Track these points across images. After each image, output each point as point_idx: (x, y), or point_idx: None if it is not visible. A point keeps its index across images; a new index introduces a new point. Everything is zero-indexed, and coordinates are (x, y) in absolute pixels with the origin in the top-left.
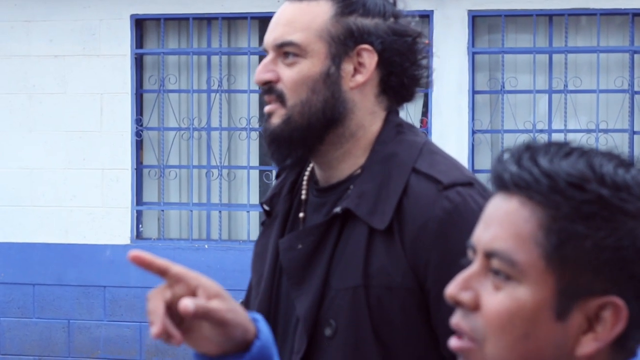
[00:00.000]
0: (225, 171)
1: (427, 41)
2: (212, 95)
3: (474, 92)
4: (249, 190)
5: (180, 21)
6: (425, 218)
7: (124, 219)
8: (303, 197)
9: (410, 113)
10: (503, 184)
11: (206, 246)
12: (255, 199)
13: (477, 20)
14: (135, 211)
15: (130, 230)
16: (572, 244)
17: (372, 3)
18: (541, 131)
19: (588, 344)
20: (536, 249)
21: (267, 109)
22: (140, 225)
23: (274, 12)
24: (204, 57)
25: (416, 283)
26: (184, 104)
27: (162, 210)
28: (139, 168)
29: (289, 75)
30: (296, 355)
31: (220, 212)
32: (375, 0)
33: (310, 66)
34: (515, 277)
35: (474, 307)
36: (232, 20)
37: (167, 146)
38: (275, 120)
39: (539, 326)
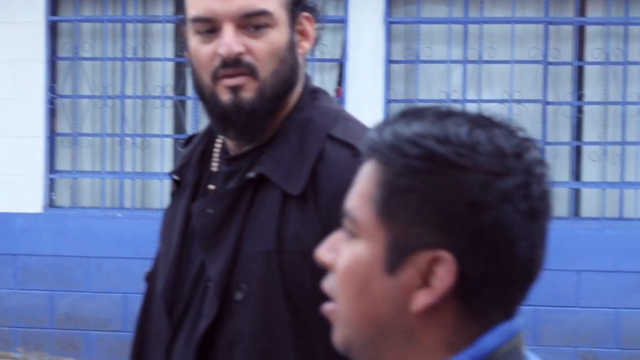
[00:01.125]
0: (139, 140)
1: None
2: (127, 63)
3: (389, 61)
4: (162, 159)
5: None
6: (340, 184)
7: (37, 187)
8: (214, 169)
9: (325, 82)
10: (366, 149)
11: (119, 215)
12: (169, 167)
13: None
14: (48, 179)
15: (42, 199)
16: (397, 198)
17: None
18: (455, 101)
19: (420, 299)
20: (369, 204)
21: (234, 82)
22: (53, 194)
23: None
24: (119, 25)
25: None
26: (98, 72)
27: (75, 179)
28: (52, 136)
29: (260, 46)
30: (206, 319)
31: (133, 180)
32: None
33: (279, 36)
34: (356, 234)
35: (334, 267)
36: None
37: (81, 114)
38: (248, 94)
39: (372, 281)
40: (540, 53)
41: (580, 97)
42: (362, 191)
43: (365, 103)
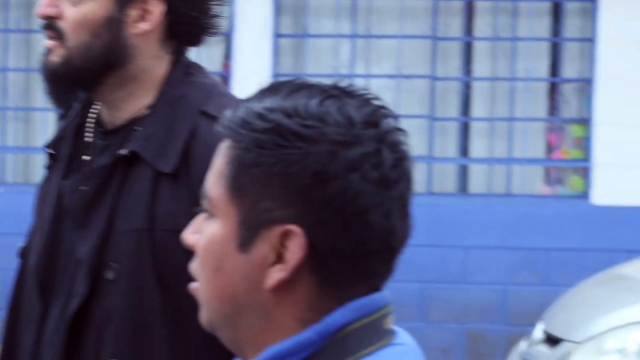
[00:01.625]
0: (21, 113)
1: None
2: (10, 35)
3: (277, 35)
4: (45, 133)
5: None
6: (212, 161)
7: None
8: (88, 139)
9: (212, 56)
10: (221, 129)
11: (1, 190)
12: None
13: None
14: None
15: None
16: (244, 173)
17: None
18: (343, 76)
19: (273, 275)
20: (225, 182)
21: (47, 44)
22: None
23: None
24: None
25: None
26: None
27: None
28: None
29: (71, 14)
30: (77, 298)
31: (15, 154)
32: None
33: (95, 8)
34: (212, 213)
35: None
36: None
37: None
38: (55, 58)
39: (227, 259)
40: (429, 28)
41: (468, 72)
42: (216, 170)
43: (252, 77)
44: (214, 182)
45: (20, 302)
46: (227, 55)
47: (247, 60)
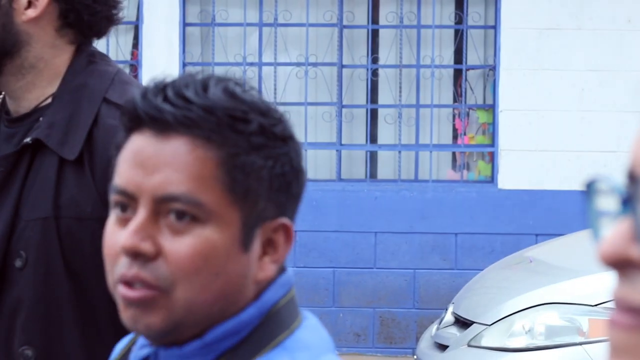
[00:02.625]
0: None
1: None
2: None
3: (184, 24)
4: None
5: None
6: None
7: None
8: None
9: (120, 45)
10: (160, 122)
11: None
12: None
13: None
14: None
15: None
16: (253, 176)
17: None
18: (252, 64)
19: (267, 267)
20: (219, 187)
21: None
22: None
23: None
24: None
25: (106, 213)
26: None
27: None
28: None
29: None
30: None
31: None
32: None
33: None
34: (201, 219)
35: (155, 255)
36: None
37: None
38: None
39: (230, 261)
40: (336, 16)
41: (375, 60)
42: (199, 174)
43: (161, 66)
44: (202, 186)
45: None
46: (136, 45)
47: (156, 49)
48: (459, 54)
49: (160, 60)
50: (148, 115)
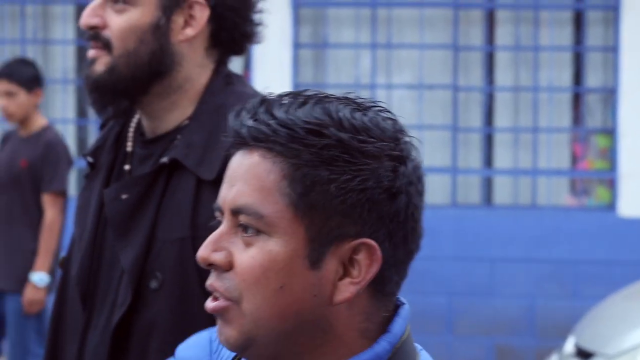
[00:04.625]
0: None
1: None
2: (27, 46)
3: (296, 45)
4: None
5: None
6: None
7: None
8: (129, 149)
9: (233, 66)
10: (242, 139)
11: None
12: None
13: None
14: None
15: None
16: (317, 190)
17: None
18: (364, 86)
19: (346, 289)
20: (282, 199)
21: (90, 54)
22: None
23: None
24: (17, 7)
25: None
26: None
27: None
28: None
29: (117, 22)
30: (120, 308)
31: None
32: None
33: (140, 16)
34: (264, 231)
35: (228, 266)
36: None
37: None
38: (99, 67)
39: (294, 276)
40: (450, 37)
41: (491, 82)
42: (263, 185)
43: (273, 88)
44: (264, 199)
45: (63, 311)
46: (248, 66)
47: (268, 70)
48: (577, 76)
49: (271, 82)
50: (234, 133)
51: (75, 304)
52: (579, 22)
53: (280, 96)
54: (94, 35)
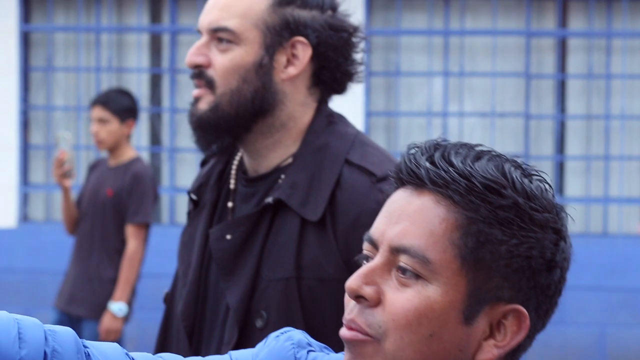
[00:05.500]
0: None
1: (364, 36)
2: (101, 73)
3: (368, 73)
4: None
5: None
6: (359, 210)
7: (10, 200)
8: (232, 186)
9: None
10: (416, 179)
11: None
12: None
13: (374, 2)
14: (21, 193)
15: (16, 212)
16: (488, 248)
17: None
18: (436, 114)
19: (489, 350)
20: (451, 249)
21: (195, 92)
22: (27, 207)
23: None
24: (93, 35)
25: (348, 274)
26: (72, 82)
27: (49, 192)
28: (26, 148)
29: (221, 61)
30: (227, 346)
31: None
32: None
33: (244, 54)
34: (425, 276)
35: (376, 302)
36: None
37: (55, 126)
38: (203, 106)
39: (446, 327)
40: (522, 65)
41: (562, 110)
42: (433, 231)
43: (346, 115)
44: (433, 244)
45: (166, 347)
46: None
47: (340, 97)
48: None
49: (344, 109)
50: (408, 171)
51: (180, 339)
52: None
53: (455, 145)
54: (198, 74)
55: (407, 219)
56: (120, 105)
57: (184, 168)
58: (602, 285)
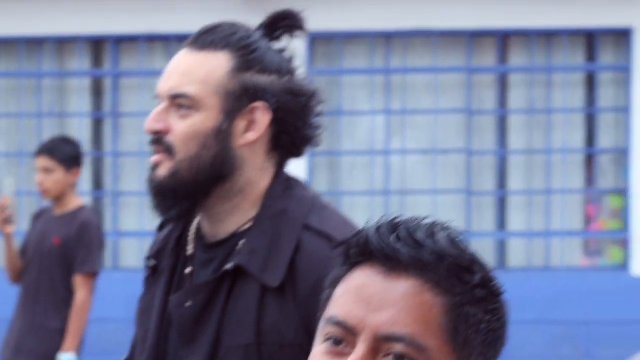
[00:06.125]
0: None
1: (322, 100)
2: (43, 119)
3: None
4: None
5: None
6: (319, 275)
7: None
8: (189, 252)
9: None
10: (391, 260)
11: None
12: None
13: (315, 41)
14: None
15: None
16: (473, 328)
17: (269, 59)
18: (379, 152)
19: None
20: (442, 334)
21: (154, 158)
22: None
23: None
24: (34, 80)
25: (308, 339)
26: (14, 128)
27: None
28: None
29: (180, 128)
30: None
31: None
32: (273, 56)
33: (203, 120)
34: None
35: None
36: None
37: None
38: (162, 171)
39: None
40: (463, 101)
41: (503, 145)
42: (425, 318)
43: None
44: (427, 331)
45: None
46: None
47: None
48: (590, 137)
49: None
50: (382, 252)
51: None
52: (590, 83)
53: (412, 220)
54: (157, 140)
55: (392, 305)
56: (65, 153)
57: (127, 212)
58: (544, 318)
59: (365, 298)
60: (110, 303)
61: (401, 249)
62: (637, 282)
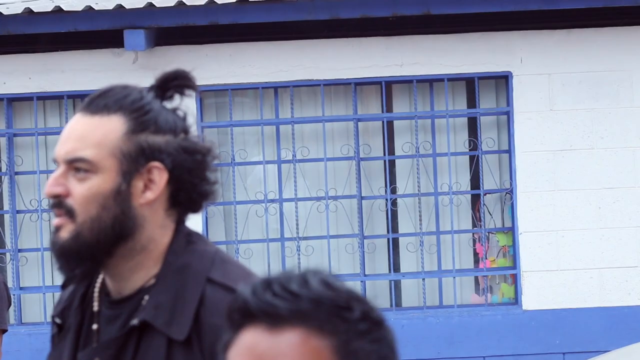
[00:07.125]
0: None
1: (217, 156)
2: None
3: None
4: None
5: None
6: (223, 326)
7: None
8: (95, 309)
9: None
10: (272, 316)
11: None
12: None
13: (204, 95)
14: None
15: None
16: None
17: (163, 120)
18: (273, 201)
19: None
20: None
21: (55, 222)
22: None
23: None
24: None
25: None
26: None
27: None
28: None
29: (79, 190)
30: None
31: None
32: (167, 116)
33: (101, 182)
34: None
35: None
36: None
37: None
38: (64, 234)
39: None
40: (352, 149)
41: (393, 190)
42: None
43: None
44: None
45: None
46: None
47: None
48: (475, 179)
49: None
50: (261, 311)
51: None
52: (473, 127)
53: (284, 275)
54: (57, 204)
55: (283, 358)
56: None
57: (28, 268)
58: (441, 356)
59: (257, 356)
60: (16, 358)
61: (279, 304)
62: (528, 316)
